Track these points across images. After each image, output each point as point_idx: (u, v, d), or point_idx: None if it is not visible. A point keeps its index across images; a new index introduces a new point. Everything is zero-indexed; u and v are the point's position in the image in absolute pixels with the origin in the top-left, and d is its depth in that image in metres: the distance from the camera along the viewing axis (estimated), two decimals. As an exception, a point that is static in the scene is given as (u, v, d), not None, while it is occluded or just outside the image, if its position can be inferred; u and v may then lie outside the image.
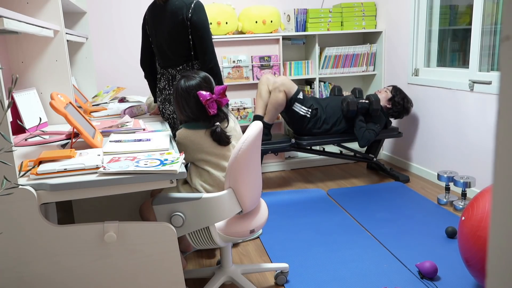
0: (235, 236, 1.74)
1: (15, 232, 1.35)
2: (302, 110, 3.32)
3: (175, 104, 1.87)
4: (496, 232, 0.44)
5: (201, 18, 2.22)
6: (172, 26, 2.23)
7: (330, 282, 2.08)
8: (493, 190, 0.44)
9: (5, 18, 1.51)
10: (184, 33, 2.23)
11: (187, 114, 1.84)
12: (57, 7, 2.27)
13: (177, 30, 2.23)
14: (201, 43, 2.24)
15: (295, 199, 3.21)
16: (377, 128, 3.41)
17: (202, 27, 2.22)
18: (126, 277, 1.46)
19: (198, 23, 2.21)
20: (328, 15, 3.92)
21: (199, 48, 2.24)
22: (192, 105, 1.82)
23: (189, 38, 2.25)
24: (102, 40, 3.77)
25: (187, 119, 1.86)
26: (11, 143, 1.18)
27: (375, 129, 3.39)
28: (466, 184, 2.89)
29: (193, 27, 2.22)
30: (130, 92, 3.75)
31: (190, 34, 2.24)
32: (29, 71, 2.30)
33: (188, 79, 1.84)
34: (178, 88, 1.84)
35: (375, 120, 3.44)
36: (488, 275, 0.45)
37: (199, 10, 2.22)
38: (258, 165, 1.82)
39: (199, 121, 1.82)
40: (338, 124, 3.43)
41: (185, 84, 1.84)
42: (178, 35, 2.24)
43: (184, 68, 2.31)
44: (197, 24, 2.21)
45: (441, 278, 2.07)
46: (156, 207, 1.59)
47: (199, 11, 2.22)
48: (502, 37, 0.41)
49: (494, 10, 2.93)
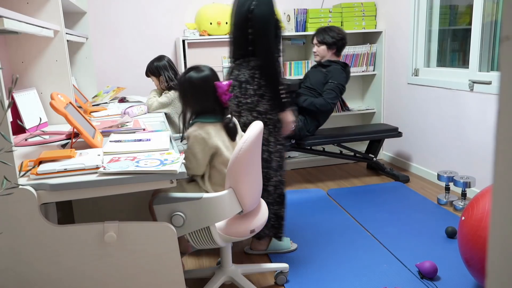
0: (235, 236, 1.74)
1: (15, 232, 1.35)
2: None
3: (188, 95, 1.79)
4: (496, 232, 0.44)
5: (263, 12, 2.06)
6: (237, 17, 2.16)
7: (330, 282, 2.08)
8: (493, 190, 0.44)
9: (5, 18, 1.51)
10: (244, 26, 2.12)
11: (203, 105, 1.77)
12: (57, 7, 2.27)
13: (240, 22, 2.14)
14: (257, 39, 2.10)
15: (295, 199, 3.21)
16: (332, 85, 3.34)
17: (261, 22, 2.06)
18: (126, 277, 1.46)
19: (257, 17, 2.06)
20: (328, 15, 3.92)
21: (256, 44, 2.11)
22: (209, 95, 1.76)
23: (248, 32, 2.12)
24: (102, 40, 3.77)
25: (200, 111, 1.78)
26: (11, 143, 1.18)
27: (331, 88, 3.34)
28: (466, 184, 2.89)
29: (252, 21, 2.08)
30: (130, 92, 3.75)
31: (250, 28, 2.11)
32: (29, 71, 2.30)
33: (198, 70, 1.78)
34: (192, 79, 1.76)
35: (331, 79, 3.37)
36: (488, 275, 0.45)
37: (263, 3, 2.06)
38: (259, 165, 1.82)
39: (214, 113, 1.77)
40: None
41: (199, 74, 1.77)
42: (240, 28, 2.15)
43: (241, 64, 2.21)
44: (256, 18, 2.06)
45: (441, 278, 2.07)
46: (156, 207, 1.59)
47: (262, 4, 2.06)
48: (502, 37, 0.41)
49: (494, 10, 2.93)
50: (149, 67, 2.95)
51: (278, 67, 2.14)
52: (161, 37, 3.88)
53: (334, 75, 3.37)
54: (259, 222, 1.82)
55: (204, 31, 3.66)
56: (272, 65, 2.11)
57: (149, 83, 3.83)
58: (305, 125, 3.37)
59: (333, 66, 3.42)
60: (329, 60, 3.45)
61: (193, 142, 1.71)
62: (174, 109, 2.88)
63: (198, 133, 1.71)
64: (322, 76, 3.42)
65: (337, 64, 3.44)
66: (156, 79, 2.94)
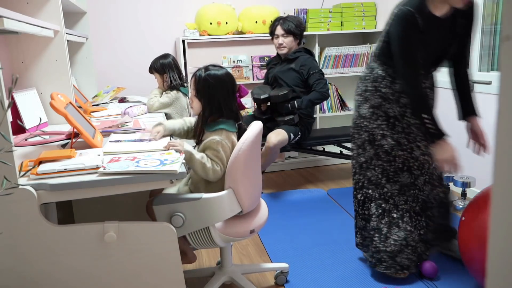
0: (235, 236, 1.74)
1: (15, 232, 1.35)
2: (297, 135, 3.24)
3: (213, 92, 1.70)
4: (496, 232, 0.44)
5: (394, 28, 1.86)
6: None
7: (330, 282, 2.08)
8: (493, 190, 0.44)
9: (5, 18, 1.51)
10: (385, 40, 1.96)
11: (227, 104, 1.71)
12: (57, 7, 2.27)
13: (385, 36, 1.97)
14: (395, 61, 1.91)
15: (295, 199, 3.21)
16: (317, 75, 3.14)
17: (396, 43, 1.86)
18: (126, 277, 1.46)
19: (393, 38, 1.88)
20: (328, 15, 3.92)
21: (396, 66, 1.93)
22: (232, 97, 1.72)
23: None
24: (102, 40, 3.77)
25: (224, 111, 1.72)
26: (11, 143, 1.18)
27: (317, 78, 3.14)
28: (466, 184, 2.89)
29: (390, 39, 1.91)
30: (130, 92, 3.75)
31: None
32: (29, 71, 2.30)
33: (218, 69, 1.73)
34: (218, 77, 1.70)
35: (311, 70, 3.18)
36: (488, 275, 0.45)
37: (397, 19, 1.84)
38: (258, 165, 1.82)
39: (235, 118, 1.74)
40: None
41: (222, 72, 1.71)
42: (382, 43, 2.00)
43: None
44: (392, 38, 1.89)
45: (441, 278, 2.07)
46: (156, 207, 1.59)
47: (396, 20, 1.84)
48: (502, 37, 0.41)
49: (494, 10, 2.93)
50: (154, 64, 2.95)
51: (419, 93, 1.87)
52: (161, 37, 3.88)
53: (311, 66, 3.17)
54: (259, 222, 1.82)
55: (204, 31, 3.66)
56: (409, 92, 1.89)
57: (149, 83, 3.84)
58: (305, 132, 3.32)
59: (302, 58, 3.21)
60: (294, 51, 3.23)
61: (221, 149, 1.68)
62: (175, 109, 2.88)
63: (225, 142, 1.69)
64: (298, 74, 3.19)
65: (303, 54, 3.24)
66: (159, 77, 2.95)
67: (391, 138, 2.01)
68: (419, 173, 2.04)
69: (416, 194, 2.05)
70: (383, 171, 2.04)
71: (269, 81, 3.34)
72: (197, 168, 1.64)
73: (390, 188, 2.04)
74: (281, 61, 3.30)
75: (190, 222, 1.61)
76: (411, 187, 2.04)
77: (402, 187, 2.04)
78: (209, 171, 1.64)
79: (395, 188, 2.04)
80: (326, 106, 4.10)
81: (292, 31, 3.17)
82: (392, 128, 2.01)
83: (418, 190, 2.05)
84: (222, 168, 1.67)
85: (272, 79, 3.30)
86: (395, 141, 2.01)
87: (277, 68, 3.30)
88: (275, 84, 3.26)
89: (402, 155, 2.02)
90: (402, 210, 2.04)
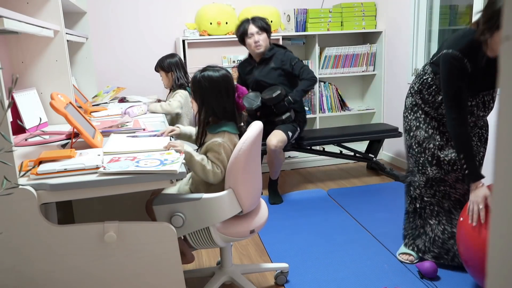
0: (235, 236, 1.74)
1: (15, 232, 1.35)
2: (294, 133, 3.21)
3: (209, 94, 1.69)
4: (496, 232, 0.44)
5: (442, 69, 1.91)
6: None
7: (330, 282, 2.08)
8: (493, 190, 0.44)
9: (5, 18, 1.51)
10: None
11: (224, 105, 1.70)
12: (57, 7, 2.27)
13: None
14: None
15: (295, 199, 3.21)
16: (299, 63, 3.11)
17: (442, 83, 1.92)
18: (126, 277, 1.46)
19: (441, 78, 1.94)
20: (328, 15, 3.92)
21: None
22: (231, 97, 1.71)
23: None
24: (102, 40, 3.77)
25: (221, 112, 1.71)
26: (11, 143, 1.18)
27: (301, 66, 3.10)
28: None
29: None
30: (130, 92, 3.75)
31: None
32: (29, 71, 2.30)
33: (216, 69, 1.72)
34: (213, 77, 1.69)
35: (292, 62, 3.13)
36: (488, 275, 0.45)
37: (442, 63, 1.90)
38: (258, 165, 1.82)
39: (235, 119, 1.74)
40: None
41: (219, 73, 1.70)
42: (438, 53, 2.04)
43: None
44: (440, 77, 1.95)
45: (441, 278, 2.07)
46: (156, 207, 1.59)
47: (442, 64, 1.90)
48: (502, 37, 0.41)
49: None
50: (160, 63, 3.00)
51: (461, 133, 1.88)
52: (161, 37, 3.88)
53: (291, 57, 3.13)
54: (259, 222, 1.82)
55: (204, 31, 3.66)
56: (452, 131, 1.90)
57: (149, 83, 3.84)
58: (302, 125, 3.31)
59: (279, 54, 3.15)
60: (269, 49, 3.16)
61: (222, 151, 1.67)
62: (185, 108, 2.96)
63: (227, 145, 1.68)
64: (280, 71, 3.14)
65: (277, 49, 3.19)
66: (165, 75, 2.99)
67: (425, 131, 2.11)
68: (449, 168, 2.06)
69: (448, 191, 2.10)
70: (416, 162, 2.14)
71: (250, 87, 3.27)
72: (197, 170, 1.64)
73: (418, 179, 2.15)
74: (256, 64, 3.22)
75: (190, 222, 1.61)
76: (440, 182, 2.09)
77: (429, 180, 2.11)
78: (209, 173, 1.64)
79: (422, 180, 2.13)
80: (326, 106, 4.10)
81: (265, 27, 3.13)
82: (427, 123, 2.11)
83: (449, 187, 2.10)
84: (222, 170, 1.66)
85: (253, 85, 3.22)
86: (428, 134, 2.09)
87: (255, 72, 3.21)
88: (259, 89, 3.18)
89: (432, 148, 2.07)
90: (426, 202, 2.15)
